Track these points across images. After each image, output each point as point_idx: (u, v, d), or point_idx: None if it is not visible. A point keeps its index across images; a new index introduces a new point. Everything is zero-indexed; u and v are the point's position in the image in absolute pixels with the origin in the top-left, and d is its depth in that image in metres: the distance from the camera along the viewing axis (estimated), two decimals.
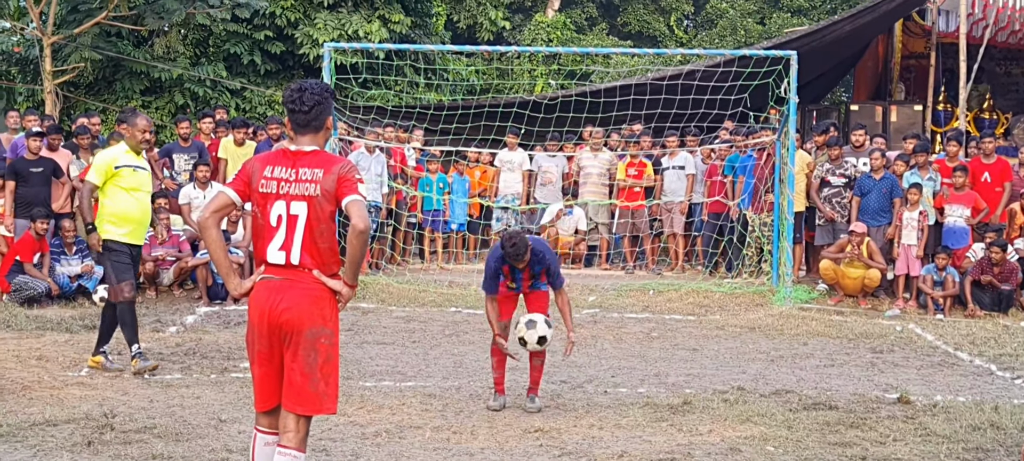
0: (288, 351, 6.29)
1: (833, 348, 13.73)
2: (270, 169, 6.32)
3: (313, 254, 6.28)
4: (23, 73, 24.07)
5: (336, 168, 6.30)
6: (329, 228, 6.32)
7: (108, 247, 11.25)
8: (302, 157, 6.32)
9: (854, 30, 22.62)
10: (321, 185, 6.22)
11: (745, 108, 18.24)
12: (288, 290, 6.27)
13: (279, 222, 6.27)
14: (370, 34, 23.98)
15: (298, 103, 6.33)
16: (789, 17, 40.71)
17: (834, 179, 17.74)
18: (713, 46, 37.43)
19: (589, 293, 17.52)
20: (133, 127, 11.39)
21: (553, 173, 20.07)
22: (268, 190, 6.29)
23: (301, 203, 6.24)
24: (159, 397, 10.24)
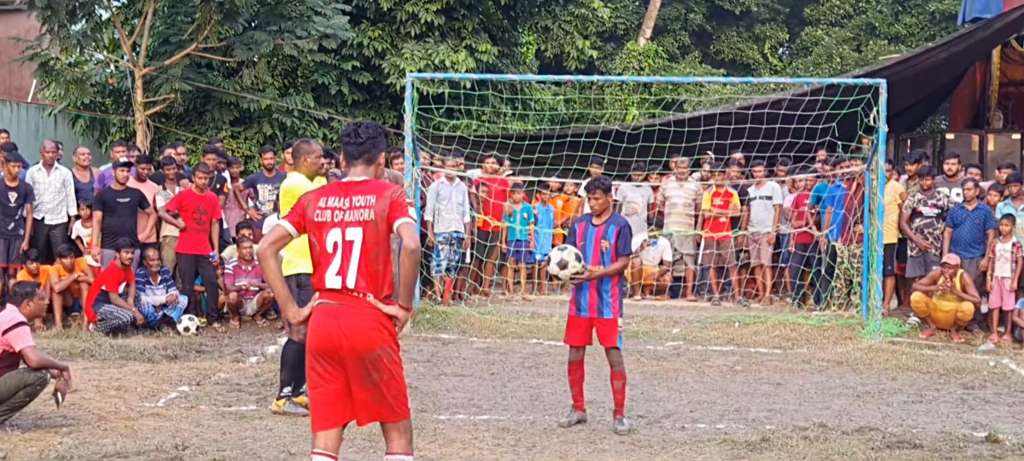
0: (351, 375, 6.62)
1: (922, 383, 13.37)
2: (324, 200, 6.70)
3: (368, 278, 6.59)
4: (116, 104, 24.38)
5: (388, 193, 6.66)
6: (384, 251, 6.61)
7: (299, 282, 10.79)
8: (354, 186, 6.70)
9: (949, 58, 22.12)
10: (374, 209, 6.57)
11: (833, 137, 17.89)
12: (345, 315, 6.58)
13: (335, 248, 6.63)
14: (457, 64, 23.98)
15: (353, 137, 6.80)
16: (886, 44, 40.09)
17: (926, 210, 17.36)
18: (808, 74, 36.92)
19: (673, 325, 17.29)
20: (309, 154, 11.04)
21: (638, 203, 19.87)
22: (323, 219, 6.67)
23: (356, 229, 6.59)
24: (232, 429, 10.21)
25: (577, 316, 10.61)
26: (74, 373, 12.50)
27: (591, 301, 10.52)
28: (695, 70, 39.15)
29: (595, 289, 10.50)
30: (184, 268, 16.83)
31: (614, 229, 10.53)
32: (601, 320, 10.53)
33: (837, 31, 41.94)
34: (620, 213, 19.77)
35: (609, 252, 10.50)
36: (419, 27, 24.67)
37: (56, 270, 16.47)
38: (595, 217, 10.68)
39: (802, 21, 43.65)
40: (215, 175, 17.59)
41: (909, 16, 41.75)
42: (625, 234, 10.57)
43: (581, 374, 10.78)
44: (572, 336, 10.64)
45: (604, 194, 10.63)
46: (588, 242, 10.59)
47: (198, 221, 16.72)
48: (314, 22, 22.13)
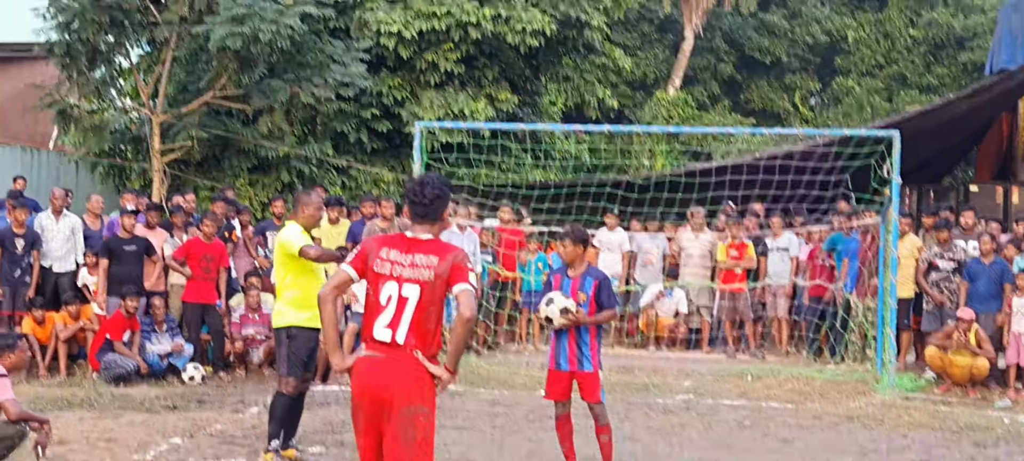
0: (387, 426, 6.59)
1: (933, 441, 13.04)
2: (386, 251, 6.75)
3: (418, 335, 6.61)
4: (135, 151, 24.44)
5: (450, 256, 6.67)
6: (437, 312, 6.67)
7: (290, 334, 10.67)
8: (418, 244, 6.73)
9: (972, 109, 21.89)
10: (435, 270, 6.59)
11: (846, 189, 17.65)
12: (390, 368, 6.59)
13: (388, 301, 6.64)
14: (476, 112, 23.91)
15: (419, 195, 6.81)
16: (917, 94, 39.83)
17: (942, 263, 17.06)
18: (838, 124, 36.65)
19: (685, 378, 17.03)
20: (307, 206, 10.93)
21: (653, 254, 19.67)
22: (382, 271, 6.70)
23: (414, 286, 6.61)
24: None
25: (557, 370, 10.35)
26: (68, 423, 12.50)
27: (570, 354, 10.25)
28: (725, 119, 39.00)
29: (574, 342, 10.24)
30: (190, 317, 16.70)
31: (592, 281, 10.26)
32: (582, 373, 10.28)
33: (868, 81, 41.73)
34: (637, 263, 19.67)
35: (586, 305, 10.24)
36: (439, 76, 24.65)
37: (62, 318, 16.41)
38: (570, 269, 10.40)
39: (833, 71, 43.47)
40: (224, 223, 17.50)
41: (941, 66, 41.50)
42: (606, 286, 10.34)
43: (569, 428, 10.54)
44: (553, 391, 10.40)
45: (576, 245, 10.33)
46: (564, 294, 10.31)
47: (205, 269, 16.61)
48: (331, 70, 22.08)
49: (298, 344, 10.73)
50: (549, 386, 10.47)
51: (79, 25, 20.36)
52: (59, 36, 20.57)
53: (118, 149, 24.54)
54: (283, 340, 10.77)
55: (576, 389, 10.39)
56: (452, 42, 24.46)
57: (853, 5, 44.27)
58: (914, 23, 42.25)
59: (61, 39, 20.56)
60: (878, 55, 42.54)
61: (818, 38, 42.51)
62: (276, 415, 10.78)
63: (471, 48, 24.55)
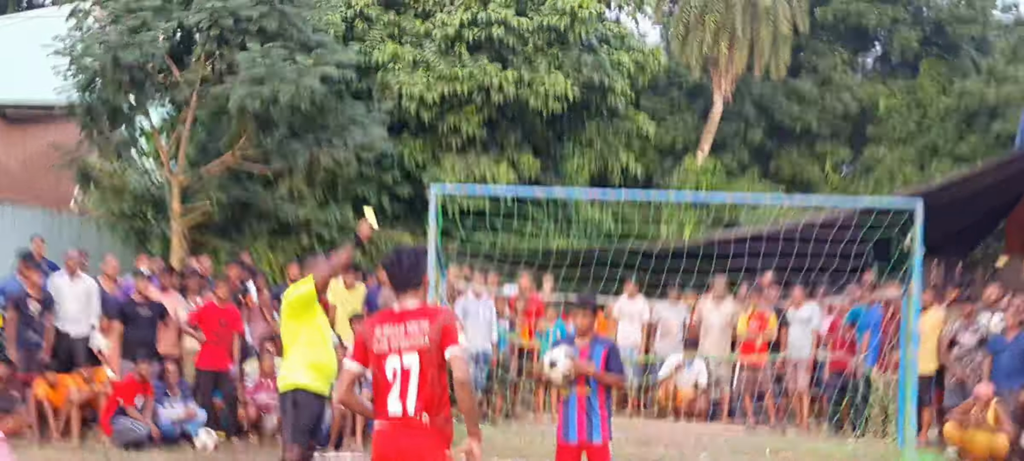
0: None
1: None
2: (380, 330, 7.14)
3: (426, 401, 6.96)
4: (156, 213, 24.39)
5: (440, 319, 7.10)
6: (440, 375, 7.02)
7: (295, 400, 10.46)
8: (407, 314, 7.12)
9: (999, 182, 21.56)
10: (428, 335, 6.98)
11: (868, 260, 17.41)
12: (407, 438, 6.97)
13: (394, 376, 7.02)
14: (497, 177, 23.80)
15: (396, 266, 7.23)
16: (949, 163, 39.45)
17: (965, 338, 16.75)
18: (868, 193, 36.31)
19: (702, 450, 16.76)
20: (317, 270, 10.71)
21: (673, 324, 19.45)
22: (382, 349, 7.07)
23: (412, 354, 6.99)
24: None
25: (565, 442, 10.16)
26: None
27: (579, 424, 10.07)
28: (754, 187, 38.67)
29: (584, 411, 10.05)
30: (203, 382, 16.57)
31: (602, 349, 10.13)
32: (591, 446, 10.09)
33: (900, 150, 41.36)
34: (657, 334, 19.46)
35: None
36: (461, 140, 24.58)
37: (75, 381, 16.29)
38: (579, 337, 10.25)
39: (864, 139, 43.14)
40: (239, 287, 17.39)
41: (974, 136, 41.09)
42: (615, 353, 10.21)
43: None
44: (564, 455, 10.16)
45: (590, 314, 10.24)
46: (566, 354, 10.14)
47: (220, 335, 16.50)
48: (352, 133, 21.99)
49: (303, 412, 10.55)
50: (558, 459, 10.26)
51: (99, 85, 20.37)
52: (80, 96, 20.57)
53: (139, 210, 24.50)
54: (288, 407, 10.60)
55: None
56: (474, 106, 24.43)
57: (885, 73, 44.03)
58: (946, 92, 41.89)
59: (82, 99, 20.55)
60: (910, 123, 42.14)
61: (849, 106, 42.20)
62: None
63: (493, 112, 24.51)
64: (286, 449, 10.61)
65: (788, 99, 41.51)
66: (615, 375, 10.17)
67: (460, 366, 7.03)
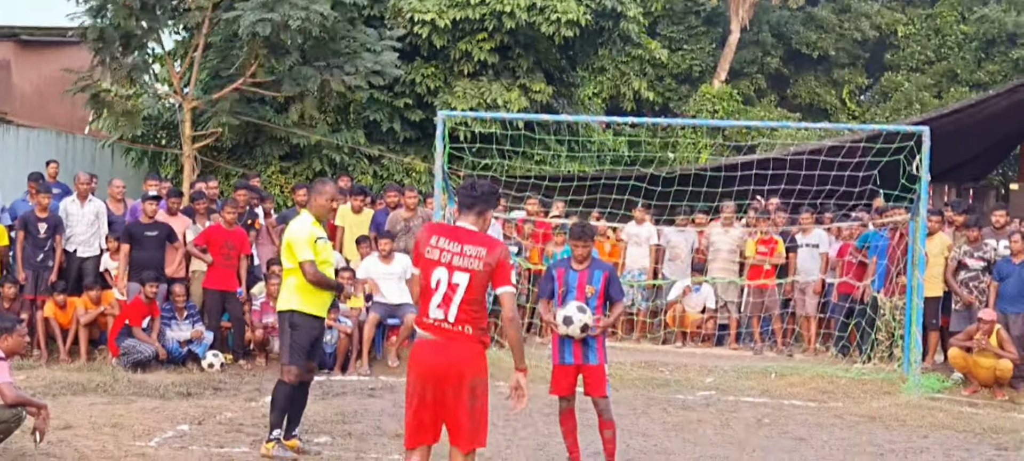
0: (451, 398, 7.42)
1: (953, 443, 12.77)
2: (436, 239, 7.55)
3: (468, 314, 7.41)
4: (168, 137, 24.49)
5: (497, 252, 7.52)
6: (483, 296, 7.48)
7: (293, 322, 10.60)
8: (467, 234, 7.54)
9: (1012, 105, 21.42)
10: (484, 261, 7.40)
11: (875, 185, 17.38)
12: (449, 347, 7.41)
13: (438, 286, 7.42)
14: (510, 102, 23.74)
15: (468, 190, 7.73)
16: (967, 90, 39.23)
17: (972, 262, 16.71)
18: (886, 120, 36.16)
19: (707, 374, 16.82)
20: (320, 195, 10.84)
21: (682, 248, 19.44)
22: (432, 257, 7.48)
23: (464, 274, 7.39)
24: None
25: (561, 365, 10.24)
26: (78, 408, 12.51)
27: (575, 348, 10.15)
28: (771, 114, 38.58)
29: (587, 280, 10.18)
30: (211, 304, 16.68)
31: (601, 274, 10.21)
32: (587, 367, 10.19)
33: (918, 77, 41.15)
34: (665, 258, 19.46)
35: (594, 298, 10.16)
36: (473, 65, 24.50)
37: (83, 302, 16.45)
38: (576, 262, 10.28)
39: (882, 66, 42.91)
40: (247, 210, 17.46)
41: (992, 63, 40.84)
42: (614, 278, 10.30)
43: (574, 424, 10.44)
44: (558, 386, 10.27)
45: (582, 241, 10.23)
46: (570, 288, 10.23)
47: (226, 256, 16.60)
48: (363, 58, 21.97)
49: (300, 332, 10.63)
50: (554, 381, 10.37)
51: (111, 10, 20.36)
52: (91, 21, 20.57)
53: (152, 135, 24.60)
54: (285, 327, 10.69)
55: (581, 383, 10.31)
56: (486, 31, 24.31)
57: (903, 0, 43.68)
58: (965, 19, 41.61)
59: (94, 24, 20.55)
60: (928, 51, 41.94)
61: (867, 33, 41.90)
62: (278, 404, 10.69)
63: (505, 38, 24.38)
64: (284, 371, 10.69)
65: (805, 26, 41.23)
66: (619, 307, 10.30)
67: (509, 304, 7.48)
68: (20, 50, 25.71)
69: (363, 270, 17.03)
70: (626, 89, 31.52)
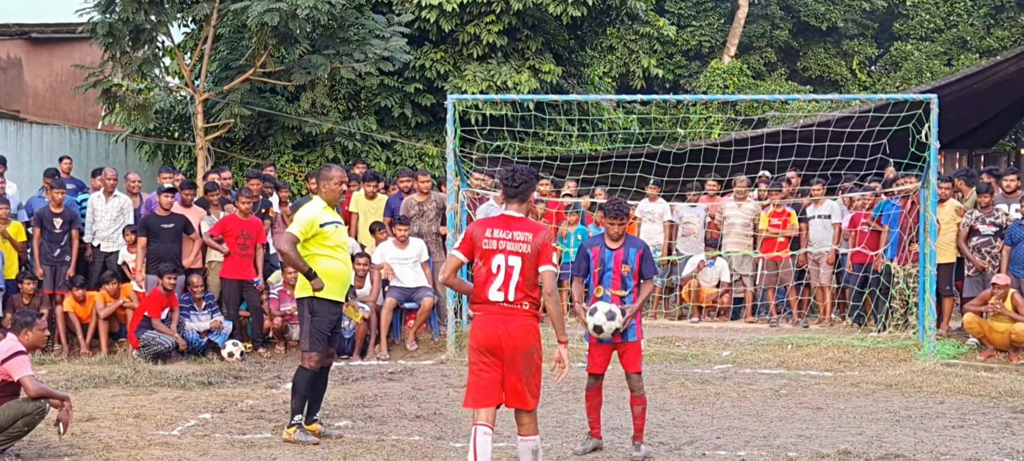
0: (509, 365, 8.43)
1: (970, 407, 12.85)
2: (490, 231, 8.56)
3: (523, 292, 8.42)
4: (182, 130, 24.59)
5: (542, 235, 8.58)
6: (534, 276, 8.44)
7: (312, 308, 10.73)
8: (514, 222, 8.57)
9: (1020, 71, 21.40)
10: (531, 245, 8.44)
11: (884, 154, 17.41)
12: (509, 321, 8.41)
13: (498, 270, 8.44)
14: (519, 84, 23.77)
15: (511, 179, 8.64)
16: (977, 58, 39.19)
17: (984, 228, 16.74)
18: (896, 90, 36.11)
19: (724, 348, 16.88)
20: (328, 180, 10.93)
21: (695, 223, 19.49)
22: (490, 247, 8.49)
23: (517, 257, 8.42)
24: (236, 458, 10.10)
25: (600, 342, 10.29)
26: (101, 400, 12.64)
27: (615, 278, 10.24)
28: (781, 87, 38.55)
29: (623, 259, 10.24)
30: (228, 293, 16.82)
31: (635, 252, 10.27)
32: (625, 344, 10.27)
33: (927, 46, 41.13)
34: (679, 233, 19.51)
35: (630, 277, 10.23)
36: (481, 48, 24.54)
37: (101, 296, 16.58)
38: (611, 240, 10.30)
39: (891, 36, 42.89)
40: (261, 200, 17.56)
41: (1001, 29, 40.86)
42: (648, 256, 10.36)
43: (599, 400, 10.54)
44: (595, 363, 10.35)
45: (618, 220, 10.23)
46: (606, 267, 10.26)
47: (242, 246, 16.73)
48: (372, 45, 22.02)
49: (320, 318, 10.74)
50: (591, 357, 10.43)
51: (120, 5, 20.45)
52: (101, 17, 20.66)
53: (164, 128, 24.70)
54: (305, 314, 10.79)
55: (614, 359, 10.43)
56: (494, 14, 24.31)
57: None
58: None
59: (103, 19, 20.64)
60: (937, 19, 41.91)
61: (876, 3, 41.89)
62: (299, 390, 10.80)
63: (513, 19, 24.37)
64: (304, 357, 10.80)
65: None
66: (648, 286, 10.37)
67: (550, 281, 8.45)
68: (31, 48, 25.81)
69: (379, 255, 17.13)
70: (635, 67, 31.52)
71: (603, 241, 10.36)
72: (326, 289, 10.74)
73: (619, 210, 10.24)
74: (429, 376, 14.96)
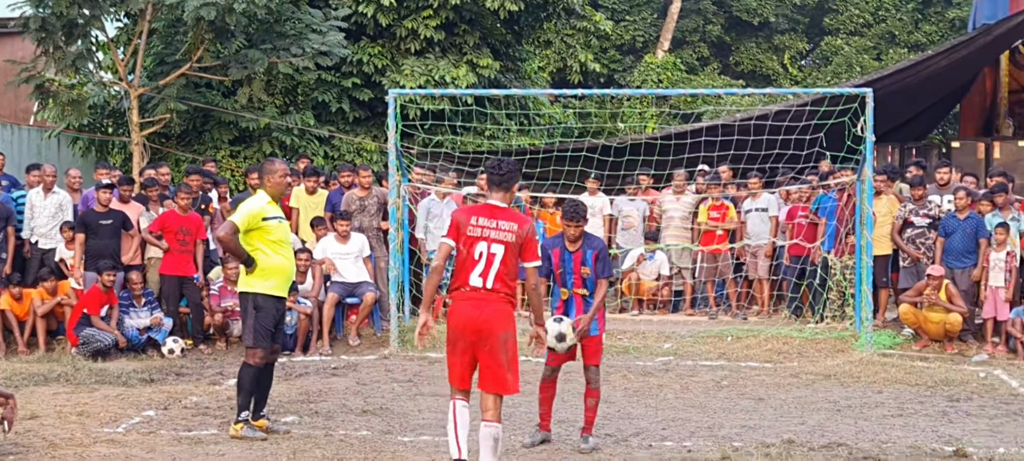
0: (485, 349, 8.71)
1: (907, 396, 13.08)
2: (475, 218, 8.84)
3: (503, 281, 8.73)
4: (116, 125, 24.36)
5: (526, 227, 8.86)
6: (515, 266, 8.77)
7: (256, 303, 10.68)
8: (499, 211, 8.85)
9: (951, 65, 21.73)
10: (515, 234, 8.75)
11: (821, 148, 17.64)
12: (486, 306, 8.70)
13: (480, 257, 8.72)
14: (457, 79, 23.79)
15: (496, 169, 8.94)
16: (906, 52, 39.71)
17: (917, 219, 17.00)
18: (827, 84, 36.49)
19: (665, 340, 17.02)
20: (272, 174, 10.86)
21: (634, 217, 19.60)
22: (474, 234, 8.76)
23: (500, 246, 8.71)
24: (183, 455, 10.06)
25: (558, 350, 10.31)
26: (42, 398, 12.52)
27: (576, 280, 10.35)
28: (714, 82, 38.87)
29: (581, 310, 10.30)
30: (168, 290, 16.69)
31: (592, 253, 10.30)
32: (588, 338, 10.38)
33: (857, 40, 41.62)
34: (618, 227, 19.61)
35: (591, 278, 10.32)
36: (419, 43, 24.54)
37: (39, 293, 16.40)
38: (570, 243, 10.33)
39: (822, 31, 43.32)
40: (200, 195, 17.45)
41: (929, 23, 41.42)
42: (604, 256, 10.40)
43: (553, 392, 10.62)
44: (556, 356, 10.36)
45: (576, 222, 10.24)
46: (567, 269, 10.34)
47: (182, 242, 16.61)
48: (309, 39, 21.95)
49: (264, 314, 10.72)
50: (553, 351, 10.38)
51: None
52: (33, 10, 20.41)
53: (98, 123, 24.44)
54: (249, 310, 10.76)
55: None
56: (431, 8, 24.30)
57: None
58: None
59: (35, 13, 20.39)
60: (866, 14, 42.43)
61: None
62: (244, 387, 10.79)
63: (451, 14, 24.38)
64: (248, 354, 10.78)
65: None
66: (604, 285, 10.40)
67: (533, 277, 8.90)
68: None
69: (320, 250, 17.09)
70: (573, 62, 31.60)
71: (563, 243, 10.39)
72: (269, 285, 10.72)
73: (576, 212, 10.23)
74: (373, 371, 14.96)
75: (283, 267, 10.85)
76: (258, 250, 10.68)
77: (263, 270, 10.69)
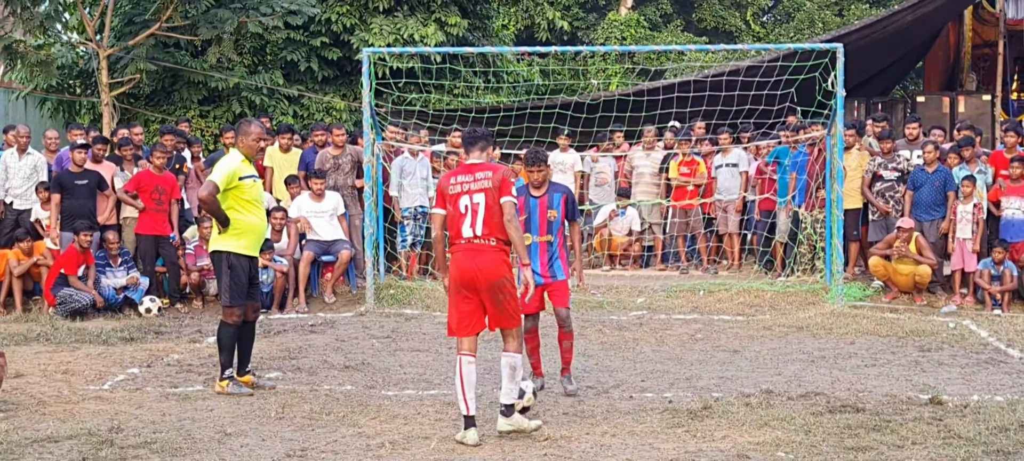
0: (487, 296, 9.15)
1: (879, 347, 13.32)
2: (454, 178, 9.32)
3: (490, 227, 9.11)
4: (84, 86, 24.27)
5: (501, 171, 9.24)
6: (499, 210, 9.08)
7: (229, 262, 10.78)
8: (475, 166, 9.28)
9: (916, 20, 21.95)
10: (492, 181, 9.12)
11: (792, 103, 17.83)
12: (479, 255, 9.10)
13: (466, 210, 9.15)
14: (426, 37, 23.83)
15: (470, 134, 9.47)
16: (868, 8, 39.94)
17: (887, 173, 17.22)
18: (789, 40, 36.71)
19: (638, 295, 17.22)
20: (247, 135, 10.95)
21: (607, 173, 19.76)
22: (456, 191, 9.24)
23: (480, 194, 9.12)
24: (173, 411, 10.13)
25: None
26: (25, 357, 12.58)
27: (543, 268, 10.77)
28: (677, 39, 38.89)
29: (546, 256, 10.75)
30: (144, 249, 16.72)
31: (560, 197, 10.80)
32: (554, 283, 10.86)
33: None
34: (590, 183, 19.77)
35: (557, 221, 10.70)
36: (387, 2, 24.54)
37: (15, 254, 16.41)
38: (534, 189, 10.74)
39: None
40: (174, 155, 17.46)
41: None
42: (572, 200, 10.94)
43: (537, 341, 11.03)
44: (528, 306, 10.49)
45: (537, 167, 10.74)
46: (532, 214, 10.67)
47: (157, 202, 16.64)
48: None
49: (238, 273, 10.83)
50: None
51: None
52: None
53: (66, 84, 24.35)
54: (223, 269, 10.86)
55: None
56: None
57: None
58: None
59: None
60: None
61: None
62: (224, 345, 10.93)
63: None
64: (225, 312, 10.90)
65: None
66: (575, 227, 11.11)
67: (508, 209, 9.09)
68: None
69: (295, 209, 17.16)
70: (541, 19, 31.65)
71: (528, 190, 10.65)
72: (242, 244, 10.83)
73: (536, 158, 10.81)
74: (350, 328, 15.07)
75: (255, 226, 10.96)
76: (231, 208, 10.77)
77: (236, 229, 10.79)
